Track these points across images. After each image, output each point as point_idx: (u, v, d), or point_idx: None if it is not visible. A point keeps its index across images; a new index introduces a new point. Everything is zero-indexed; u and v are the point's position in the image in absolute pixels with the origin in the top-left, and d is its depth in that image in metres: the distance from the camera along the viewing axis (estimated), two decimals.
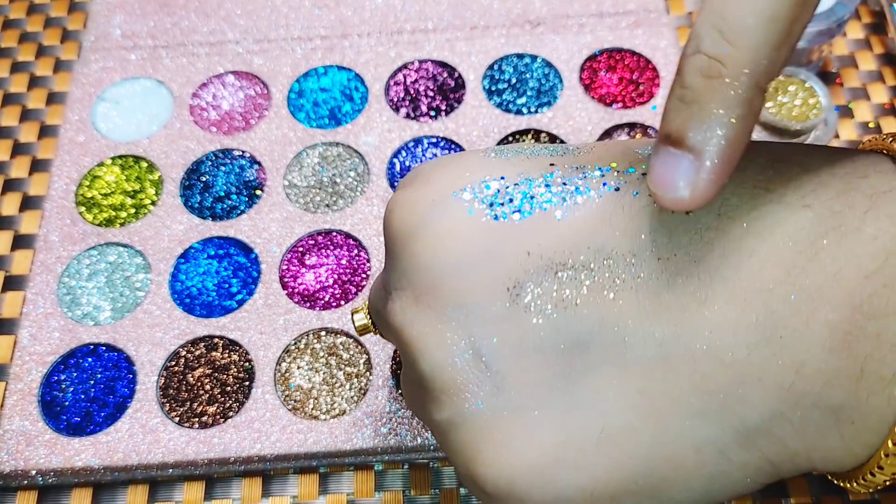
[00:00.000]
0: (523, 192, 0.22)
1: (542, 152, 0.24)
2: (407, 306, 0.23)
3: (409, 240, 0.23)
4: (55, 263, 0.45)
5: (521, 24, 0.53)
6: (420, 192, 0.23)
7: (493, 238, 0.22)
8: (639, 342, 0.20)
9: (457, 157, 0.25)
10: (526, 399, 0.21)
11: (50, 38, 0.55)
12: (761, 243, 0.20)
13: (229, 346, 0.42)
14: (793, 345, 0.20)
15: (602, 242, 0.21)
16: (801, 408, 0.20)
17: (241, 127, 0.50)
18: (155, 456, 0.39)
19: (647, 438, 0.21)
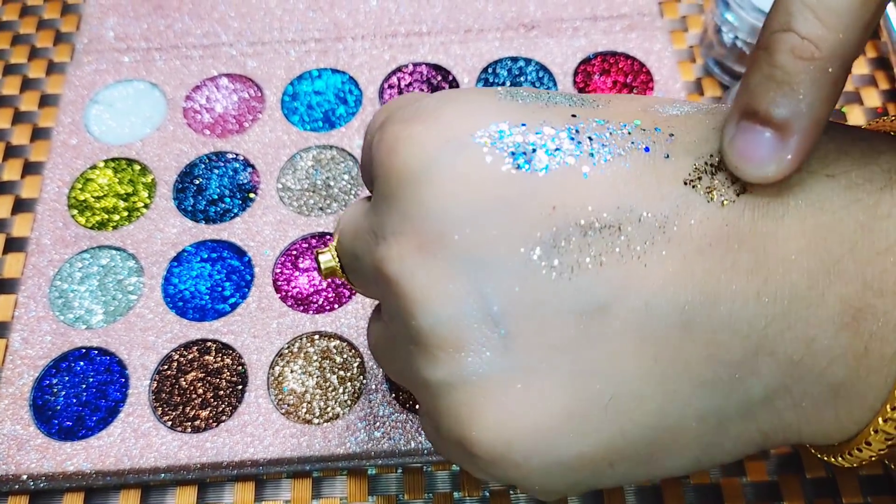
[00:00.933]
0: (546, 142, 0.21)
1: (561, 101, 0.23)
2: (407, 253, 0.21)
3: (417, 182, 0.21)
4: (47, 267, 0.44)
5: (516, 28, 0.53)
6: (430, 130, 0.21)
7: (514, 189, 0.20)
8: (661, 308, 0.20)
9: (466, 93, 0.23)
10: (536, 362, 0.20)
11: (43, 41, 0.55)
12: (787, 210, 0.20)
13: (222, 349, 0.42)
14: (807, 318, 0.20)
15: (632, 204, 0.20)
16: (805, 382, 0.21)
17: (235, 130, 0.49)
18: (147, 460, 0.39)
19: (653, 406, 0.21)
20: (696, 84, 0.51)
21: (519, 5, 0.53)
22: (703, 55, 0.52)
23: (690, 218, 0.20)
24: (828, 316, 0.20)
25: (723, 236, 0.20)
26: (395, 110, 0.23)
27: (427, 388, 0.22)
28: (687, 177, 0.21)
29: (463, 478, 0.39)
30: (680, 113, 0.22)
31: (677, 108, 0.23)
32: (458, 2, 0.54)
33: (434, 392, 0.21)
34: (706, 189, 0.20)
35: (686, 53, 0.53)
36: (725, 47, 0.49)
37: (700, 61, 0.52)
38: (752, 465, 0.39)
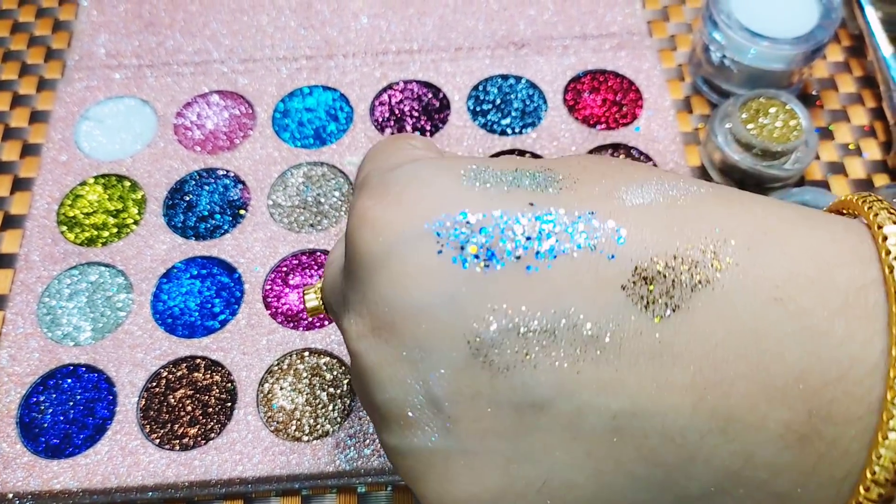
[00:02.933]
0: (496, 236, 0.21)
1: (524, 183, 0.23)
2: (363, 334, 0.23)
3: (373, 269, 0.22)
4: (36, 283, 0.44)
5: (506, 46, 0.53)
6: (389, 215, 0.22)
7: (459, 285, 0.21)
8: (593, 413, 0.20)
9: (432, 174, 0.23)
10: (475, 445, 0.21)
11: (34, 57, 0.55)
12: (728, 335, 0.20)
13: (211, 366, 0.42)
14: (746, 438, 0.20)
15: (570, 307, 0.20)
16: (746, 488, 0.20)
17: (226, 146, 0.49)
18: (135, 479, 0.38)
19: (587, 493, 0.21)
20: (684, 102, 0.52)
21: (509, 24, 0.54)
22: (692, 73, 0.52)
23: (624, 330, 0.20)
24: (769, 438, 0.19)
25: (655, 353, 0.20)
26: (371, 176, 0.24)
27: (385, 447, 0.24)
28: (626, 283, 0.20)
29: None
30: (643, 202, 0.22)
31: (645, 194, 0.22)
32: (449, 20, 0.54)
33: (390, 453, 0.23)
34: (642, 299, 0.20)
35: (675, 72, 0.53)
36: (713, 66, 0.49)
37: (689, 79, 0.53)
38: None
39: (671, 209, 0.21)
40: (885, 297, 0.19)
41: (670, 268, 0.20)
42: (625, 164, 0.24)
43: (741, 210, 0.22)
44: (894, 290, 0.19)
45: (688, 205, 0.22)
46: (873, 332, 0.19)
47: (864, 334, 0.19)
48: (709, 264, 0.20)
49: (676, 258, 0.20)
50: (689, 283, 0.20)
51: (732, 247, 0.20)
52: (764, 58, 0.47)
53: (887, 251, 0.20)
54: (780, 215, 0.22)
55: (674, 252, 0.20)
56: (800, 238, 0.21)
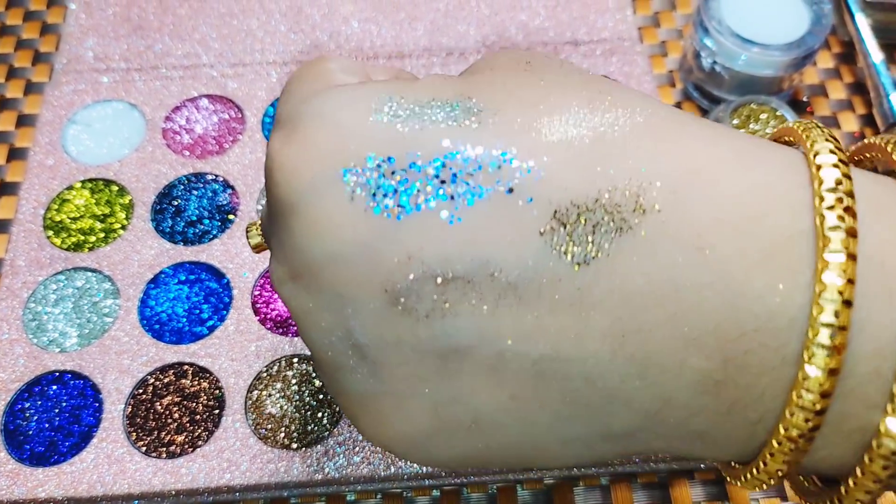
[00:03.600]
0: (409, 180, 0.20)
1: (439, 117, 0.21)
2: (284, 279, 0.22)
3: (287, 216, 0.21)
4: (21, 288, 0.44)
5: (497, 51, 0.53)
6: (297, 159, 0.21)
7: (373, 233, 0.20)
8: (515, 358, 0.20)
9: (340, 109, 0.22)
10: (401, 387, 0.22)
11: (21, 60, 0.54)
12: (647, 284, 0.19)
13: (199, 373, 0.41)
14: (664, 382, 0.20)
15: (487, 255, 0.20)
16: (667, 427, 0.21)
17: (215, 151, 0.49)
18: (121, 487, 0.38)
19: (514, 432, 0.22)
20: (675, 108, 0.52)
21: (500, 29, 0.54)
22: (683, 79, 0.52)
23: (542, 277, 0.20)
24: (686, 383, 0.20)
25: (575, 300, 0.20)
26: (286, 110, 0.23)
27: (322, 381, 0.24)
28: (544, 228, 0.20)
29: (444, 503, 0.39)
30: (567, 137, 0.20)
31: (570, 126, 0.21)
32: (440, 24, 0.54)
33: (327, 387, 0.24)
34: (560, 245, 0.20)
35: (666, 78, 0.53)
36: (704, 72, 0.49)
37: (679, 85, 0.53)
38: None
39: (596, 144, 0.20)
40: (813, 247, 0.19)
41: (590, 211, 0.20)
42: (553, 86, 0.22)
43: (673, 146, 0.21)
44: (822, 243, 0.19)
45: (615, 140, 0.20)
46: (794, 286, 0.19)
47: (784, 287, 0.19)
48: (630, 209, 0.20)
49: (598, 201, 0.20)
50: (609, 228, 0.20)
51: (657, 189, 0.20)
52: (754, 64, 0.47)
53: (821, 197, 0.19)
54: (715, 152, 0.21)
55: (595, 195, 0.20)
56: (731, 180, 0.20)
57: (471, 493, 0.39)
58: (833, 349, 0.18)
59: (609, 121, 0.21)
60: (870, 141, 0.23)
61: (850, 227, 0.19)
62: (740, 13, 0.47)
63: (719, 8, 0.48)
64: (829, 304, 0.18)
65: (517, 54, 0.24)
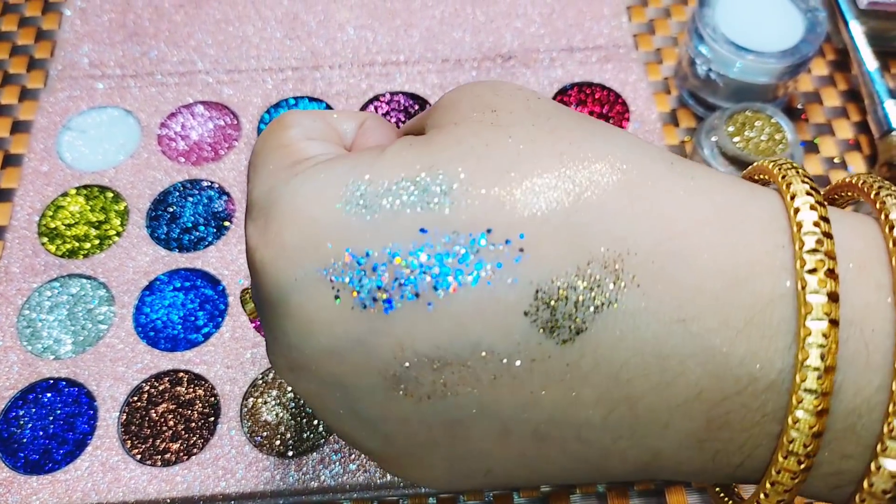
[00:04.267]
0: (391, 274, 0.21)
1: (411, 200, 0.21)
2: (283, 368, 0.23)
3: (276, 315, 0.22)
4: (16, 295, 0.44)
5: (493, 58, 0.53)
6: (277, 261, 0.22)
7: (363, 328, 0.21)
8: (516, 427, 0.21)
9: (310, 202, 0.22)
10: (415, 450, 0.23)
11: (16, 67, 0.54)
12: (630, 358, 0.20)
13: (194, 380, 0.41)
14: (652, 443, 0.21)
15: (476, 338, 0.20)
16: (660, 472, 0.23)
17: (210, 157, 0.49)
18: (115, 495, 0.38)
19: (525, 477, 0.24)
20: (671, 115, 0.52)
21: (496, 36, 0.54)
22: (678, 86, 0.53)
23: (532, 356, 0.20)
24: (672, 441, 0.21)
25: (565, 375, 0.20)
26: (252, 196, 0.24)
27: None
28: (528, 308, 0.20)
29: None
30: (544, 209, 0.20)
31: (544, 199, 0.20)
32: (436, 32, 0.54)
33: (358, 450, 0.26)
34: (546, 324, 0.20)
35: (661, 85, 0.53)
36: (699, 79, 0.49)
37: (675, 92, 0.53)
38: None
39: (573, 214, 0.20)
40: (794, 311, 0.20)
41: (572, 288, 0.20)
42: (523, 143, 0.22)
43: (651, 207, 0.21)
44: (804, 310, 0.19)
45: (591, 204, 0.20)
46: (774, 350, 0.20)
47: (765, 354, 0.20)
48: (610, 283, 0.20)
49: (578, 277, 0.20)
50: (591, 303, 0.20)
51: (636, 260, 0.20)
52: (749, 71, 0.47)
53: (802, 260, 0.20)
54: (695, 212, 0.21)
55: (574, 271, 0.20)
56: (711, 246, 0.20)
57: (468, 500, 0.39)
58: (816, 415, 0.19)
59: (584, 182, 0.21)
60: (848, 180, 0.24)
61: (831, 291, 0.19)
62: (735, 21, 0.48)
63: (714, 15, 0.48)
64: (812, 372, 0.19)
65: (481, 98, 0.24)
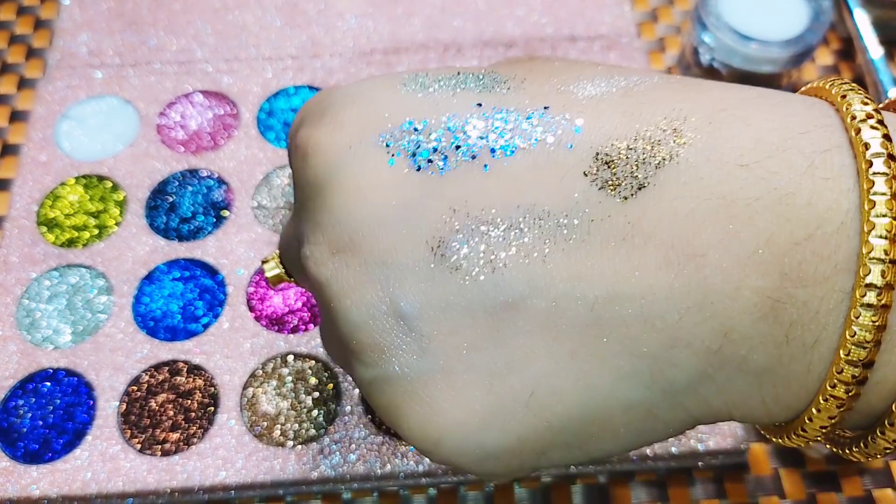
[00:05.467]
0: (448, 139, 0.21)
1: (469, 85, 0.22)
2: (323, 260, 0.21)
3: (324, 190, 0.21)
4: (15, 285, 0.43)
5: (494, 47, 0.52)
6: (333, 135, 0.22)
7: (415, 191, 0.20)
8: (570, 306, 0.20)
9: (368, 88, 0.23)
10: (453, 362, 0.21)
11: (14, 56, 0.54)
12: (696, 206, 0.19)
13: (194, 370, 0.41)
14: (723, 311, 0.19)
15: (532, 200, 0.20)
16: (727, 370, 0.20)
17: (210, 147, 0.49)
18: (115, 485, 0.38)
19: (575, 400, 0.21)
20: None
21: (497, 24, 0.53)
22: (681, 75, 0.52)
23: (591, 215, 0.20)
24: (744, 308, 0.19)
25: (626, 234, 0.20)
26: (307, 112, 0.24)
27: (361, 384, 0.22)
28: (587, 169, 0.20)
29: (440, 502, 0.38)
30: (596, 93, 0.21)
31: (597, 86, 0.22)
32: (437, 20, 0.53)
33: (367, 389, 0.22)
34: (606, 183, 0.20)
35: None
36: (703, 68, 0.49)
37: None
38: (752, 459, 0.40)
39: (625, 97, 0.21)
40: (851, 158, 0.19)
41: (631, 149, 0.20)
42: (571, 63, 0.23)
43: (697, 93, 0.21)
44: (862, 148, 0.19)
45: (642, 92, 0.21)
46: (839, 191, 0.19)
47: (830, 194, 0.19)
48: (670, 140, 0.20)
49: (637, 139, 0.20)
50: (652, 160, 0.20)
51: (693, 122, 0.20)
52: (753, 60, 0.47)
53: (852, 116, 0.20)
54: (738, 95, 0.21)
55: (633, 134, 0.20)
56: (760, 112, 0.20)
57: (468, 491, 0.39)
58: (891, 240, 0.18)
59: (633, 80, 0.22)
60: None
61: (885, 142, 0.19)
62: (739, 9, 0.47)
63: (718, 3, 0.47)
64: (880, 197, 0.18)
65: (514, 57, 0.25)
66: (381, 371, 0.21)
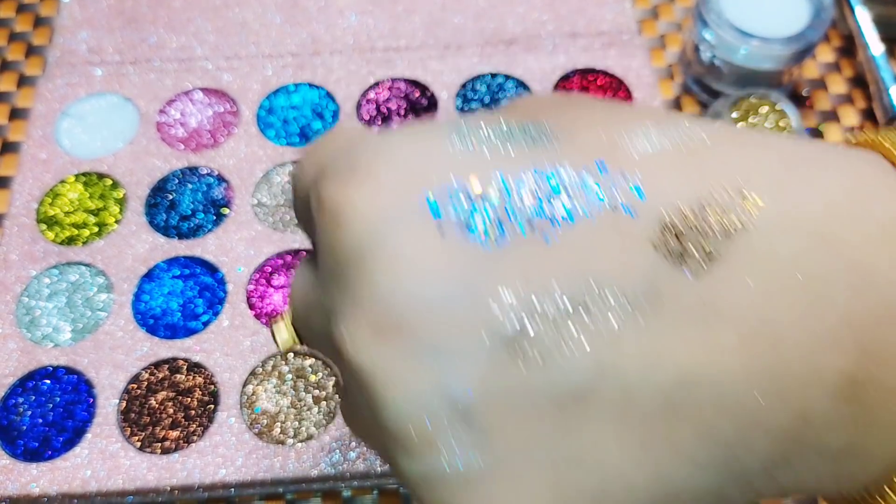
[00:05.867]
0: (502, 204, 0.19)
1: (517, 138, 0.20)
2: (364, 343, 0.19)
3: (363, 261, 0.19)
4: (14, 283, 0.43)
5: (495, 44, 0.52)
6: (371, 195, 0.19)
7: (471, 268, 0.18)
8: (642, 392, 0.18)
9: (411, 138, 0.20)
10: (515, 457, 0.19)
11: (14, 53, 0.54)
12: (771, 281, 0.18)
13: (193, 368, 0.41)
14: (802, 394, 0.18)
15: (598, 276, 0.18)
16: (804, 453, 0.19)
17: (209, 144, 0.49)
18: (115, 483, 0.38)
19: (646, 494, 0.19)
20: (675, 101, 0.51)
21: (498, 21, 0.53)
22: (682, 73, 0.52)
23: (662, 292, 0.18)
24: (824, 389, 0.18)
25: (699, 313, 0.18)
26: (329, 161, 0.21)
27: (404, 476, 0.20)
28: (655, 239, 0.18)
29: None
30: (651, 150, 0.20)
31: (650, 140, 0.20)
32: (437, 17, 0.53)
33: (414, 484, 0.19)
34: (675, 255, 0.18)
35: (665, 71, 0.53)
36: (703, 65, 0.49)
37: (679, 79, 0.52)
38: None
39: (683, 155, 0.20)
40: None
41: (699, 216, 0.18)
42: (612, 108, 0.22)
43: (757, 149, 0.20)
44: None
45: (699, 149, 0.20)
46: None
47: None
48: (739, 206, 0.18)
49: (703, 205, 0.18)
50: (721, 230, 0.18)
51: (760, 185, 0.19)
52: (754, 57, 0.46)
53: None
54: (799, 151, 0.20)
55: (699, 198, 0.19)
56: (825, 172, 0.19)
57: None
58: None
59: (685, 133, 0.20)
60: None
61: None
62: (740, 6, 0.47)
63: (719, 1, 0.47)
64: None
65: (553, 96, 0.23)
66: (433, 467, 0.19)
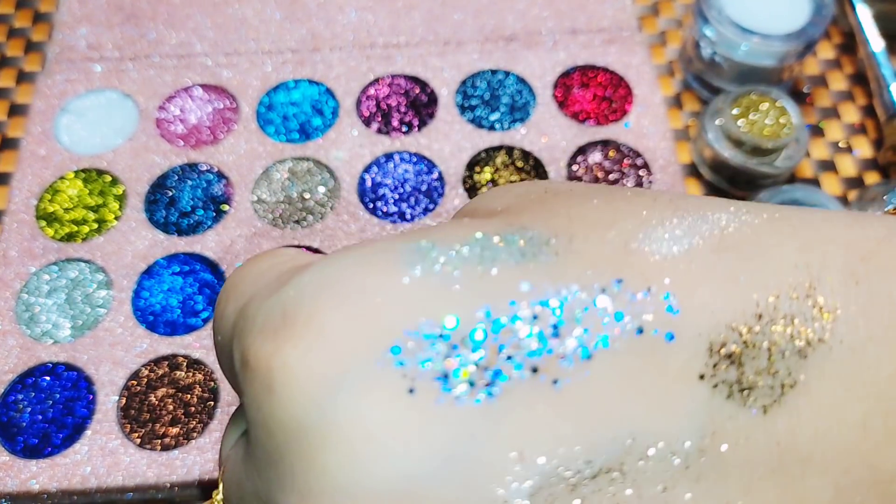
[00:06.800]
0: (492, 346, 0.14)
1: (500, 256, 0.15)
2: None
3: (310, 442, 0.14)
4: (14, 279, 0.43)
5: (495, 40, 0.52)
6: (315, 357, 0.14)
7: (456, 432, 0.14)
8: None
9: (361, 267, 0.15)
10: None
11: (13, 49, 0.54)
12: (867, 411, 0.14)
13: (193, 365, 0.41)
14: None
15: (630, 427, 0.14)
16: None
17: (209, 141, 0.49)
18: (115, 479, 0.38)
19: None
20: (675, 98, 0.51)
21: (498, 18, 0.53)
22: (683, 69, 0.52)
23: (721, 439, 0.14)
24: None
25: (776, 461, 0.14)
26: (254, 305, 0.16)
27: None
28: (703, 370, 0.14)
29: None
30: (678, 249, 0.15)
31: (673, 236, 0.15)
32: (437, 13, 0.53)
33: None
34: (733, 387, 0.14)
35: (665, 68, 0.53)
36: (704, 62, 0.49)
37: (679, 75, 0.52)
38: None
39: (720, 251, 0.15)
40: None
41: (758, 333, 0.14)
42: (613, 197, 0.17)
43: (811, 234, 0.16)
44: None
45: (740, 241, 0.15)
46: None
47: None
48: (811, 314, 0.15)
49: (762, 317, 0.15)
50: (793, 347, 0.14)
51: (832, 283, 0.15)
52: (755, 54, 0.46)
53: None
54: (863, 232, 0.16)
55: (754, 309, 0.15)
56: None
57: None
58: None
59: (718, 221, 0.16)
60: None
61: None
62: (740, 3, 0.47)
63: None
64: None
65: (521, 186, 0.18)
66: None
